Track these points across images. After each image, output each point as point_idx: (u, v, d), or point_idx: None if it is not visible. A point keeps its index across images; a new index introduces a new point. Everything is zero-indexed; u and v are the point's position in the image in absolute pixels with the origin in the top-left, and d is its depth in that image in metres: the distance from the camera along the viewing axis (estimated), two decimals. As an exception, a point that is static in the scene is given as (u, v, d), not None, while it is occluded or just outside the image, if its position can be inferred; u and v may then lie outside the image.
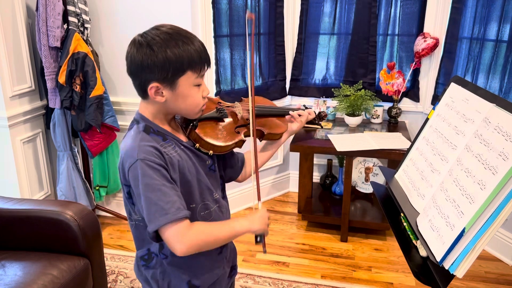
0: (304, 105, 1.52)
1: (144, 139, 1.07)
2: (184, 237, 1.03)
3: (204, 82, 1.12)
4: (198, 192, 1.16)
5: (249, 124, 1.28)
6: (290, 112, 1.45)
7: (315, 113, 1.53)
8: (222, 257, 1.27)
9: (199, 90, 1.11)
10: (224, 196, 1.31)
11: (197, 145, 1.17)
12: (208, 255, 1.20)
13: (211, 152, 1.18)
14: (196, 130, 1.17)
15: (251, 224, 1.15)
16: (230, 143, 1.21)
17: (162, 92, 1.07)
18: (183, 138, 1.18)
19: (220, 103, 1.32)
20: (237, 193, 3.08)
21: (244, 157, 1.40)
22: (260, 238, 1.18)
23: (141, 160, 1.03)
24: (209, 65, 1.11)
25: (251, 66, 1.26)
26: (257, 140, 1.35)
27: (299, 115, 1.45)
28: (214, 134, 1.19)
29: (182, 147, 1.14)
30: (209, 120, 1.23)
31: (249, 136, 1.28)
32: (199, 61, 1.06)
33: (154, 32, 1.05)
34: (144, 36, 1.05)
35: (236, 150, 1.32)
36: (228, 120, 1.28)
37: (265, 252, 1.20)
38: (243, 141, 1.26)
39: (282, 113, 1.45)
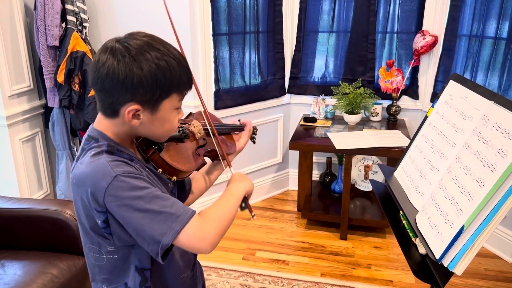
0: (239, 120, 1.40)
1: (111, 157, 0.90)
2: (205, 231, 0.90)
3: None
4: None
5: (205, 144, 1.18)
6: (246, 126, 1.33)
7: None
8: (195, 280, 1.17)
9: (177, 113, 0.98)
10: None
11: (160, 170, 1.02)
12: (182, 278, 1.10)
13: (174, 178, 1.05)
14: (161, 154, 1.02)
15: (240, 183, 1.06)
16: (193, 168, 1.09)
17: (140, 115, 0.91)
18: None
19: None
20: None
21: (190, 180, 1.24)
22: (244, 204, 1.06)
23: (121, 175, 0.86)
24: (191, 86, 0.98)
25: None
26: (209, 160, 1.26)
27: (249, 130, 1.34)
28: (179, 158, 1.06)
29: (147, 169, 0.99)
30: (171, 141, 1.08)
31: (204, 156, 1.18)
32: (186, 83, 0.94)
33: (136, 42, 0.88)
34: (126, 46, 0.88)
35: None
36: (188, 141, 1.13)
37: (253, 217, 1.06)
38: (204, 164, 1.15)
39: (230, 131, 1.33)
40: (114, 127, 0.95)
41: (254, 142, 1.45)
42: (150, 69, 0.86)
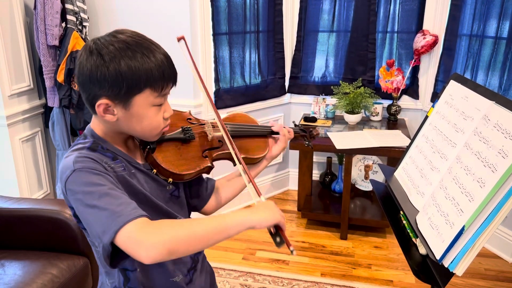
0: (293, 122, 1.32)
1: (84, 153, 0.90)
2: (146, 235, 0.80)
3: (167, 101, 0.96)
4: (155, 217, 0.96)
5: (221, 147, 1.11)
6: (280, 130, 1.22)
7: (305, 132, 1.34)
8: (193, 286, 1.11)
9: (159, 110, 0.94)
10: None
11: (155, 170, 1.00)
12: (172, 282, 1.05)
13: (170, 179, 1.01)
14: (153, 154, 0.99)
15: (252, 213, 0.90)
16: (193, 171, 1.03)
17: (114, 110, 0.91)
18: (140, 160, 1.01)
19: (190, 119, 1.12)
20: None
21: (214, 185, 1.20)
22: (279, 238, 0.93)
23: (79, 170, 0.86)
24: (174, 82, 0.94)
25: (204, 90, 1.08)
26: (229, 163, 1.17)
27: (283, 135, 1.23)
28: (174, 159, 1.01)
29: (134, 170, 0.97)
30: (171, 141, 1.04)
31: (219, 159, 1.11)
32: (160, 78, 0.90)
33: (109, 39, 0.89)
34: (97, 42, 0.89)
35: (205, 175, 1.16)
36: (195, 142, 1.08)
37: (293, 252, 0.92)
38: (210, 168, 1.08)
39: (264, 133, 1.23)
40: (100, 124, 0.96)
41: (311, 147, 1.38)
42: (115, 64, 0.86)
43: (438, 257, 0.99)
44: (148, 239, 0.80)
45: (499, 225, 0.93)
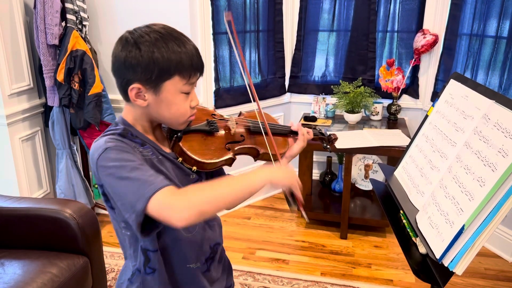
0: (313, 126, 1.35)
1: (114, 137, 0.97)
2: (177, 201, 0.88)
3: (194, 91, 1.03)
4: None
5: (242, 141, 1.17)
6: (299, 130, 1.25)
7: (324, 135, 1.38)
8: (211, 277, 1.15)
9: (186, 98, 1.00)
10: None
11: (180, 159, 1.06)
12: (188, 268, 1.09)
13: (194, 168, 1.07)
14: (180, 143, 1.06)
15: (272, 173, 0.99)
16: (217, 160, 1.09)
17: (145, 96, 0.97)
18: (166, 149, 1.07)
19: (214, 115, 1.19)
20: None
21: None
22: (292, 201, 1.02)
23: (110, 148, 0.93)
24: (201, 72, 1.01)
25: (243, 65, 1.15)
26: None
27: (302, 134, 1.26)
28: (200, 148, 1.08)
29: (161, 157, 1.03)
30: (197, 132, 1.11)
31: (240, 154, 1.16)
32: (189, 67, 0.97)
33: (144, 29, 0.96)
34: (132, 33, 0.97)
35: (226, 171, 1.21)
36: (219, 134, 1.14)
37: (308, 220, 1.06)
38: (233, 159, 1.13)
39: (284, 132, 1.28)
40: (132, 111, 1.02)
41: (329, 151, 1.43)
42: (148, 50, 0.93)
43: (438, 256, 0.99)
44: (179, 203, 0.87)
45: (499, 224, 0.93)
